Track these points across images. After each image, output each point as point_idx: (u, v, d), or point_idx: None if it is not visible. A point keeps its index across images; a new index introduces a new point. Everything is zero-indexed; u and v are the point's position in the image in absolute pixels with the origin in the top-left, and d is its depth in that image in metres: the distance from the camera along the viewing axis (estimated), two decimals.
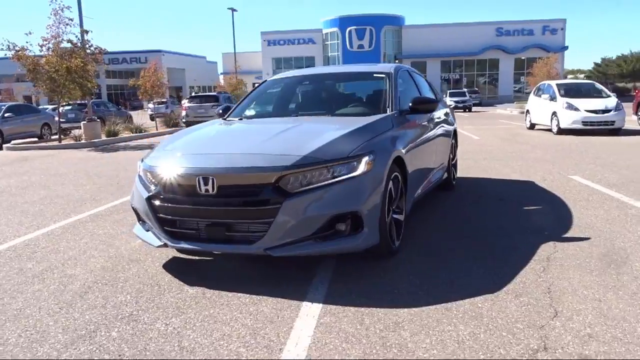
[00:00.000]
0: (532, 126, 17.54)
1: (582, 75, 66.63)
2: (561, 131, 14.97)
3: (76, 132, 18.93)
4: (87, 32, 17.93)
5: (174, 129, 23.39)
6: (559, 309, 3.08)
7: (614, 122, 14.49)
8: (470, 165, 9.14)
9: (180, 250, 4.28)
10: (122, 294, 3.60)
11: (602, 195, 6.23)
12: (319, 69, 6.16)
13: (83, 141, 17.41)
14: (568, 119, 14.76)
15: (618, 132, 14.63)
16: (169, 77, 49.88)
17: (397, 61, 56.31)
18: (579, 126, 14.59)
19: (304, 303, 3.30)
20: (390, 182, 3.95)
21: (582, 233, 4.63)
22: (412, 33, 55.18)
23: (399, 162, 4.21)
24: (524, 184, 7.23)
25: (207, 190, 3.57)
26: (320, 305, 3.26)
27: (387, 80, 5.14)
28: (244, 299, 3.41)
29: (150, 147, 15.62)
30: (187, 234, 3.77)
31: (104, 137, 18.17)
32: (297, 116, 4.94)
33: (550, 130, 15.88)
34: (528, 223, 5.08)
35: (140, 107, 53.47)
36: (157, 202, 3.80)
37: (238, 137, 4.42)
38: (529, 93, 48.71)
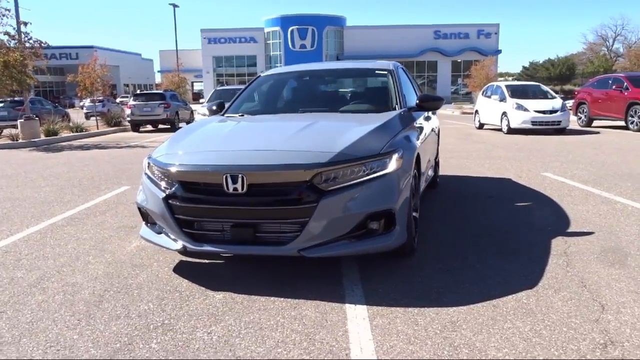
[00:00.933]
0: (481, 126, 18.10)
1: (510, 78, 69.61)
2: (511, 131, 15.53)
3: (12, 131, 17.71)
4: (25, 24, 16.79)
5: (115, 128, 22.44)
6: (603, 302, 3.11)
7: (560, 122, 15.18)
8: (442, 163, 9.26)
9: (197, 254, 3.97)
10: (143, 302, 3.33)
11: (582, 192, 6.45)
12: (317, 65, 6.00)
13: (21, 140, 16.30)
14: (518, 119, 15.33)
15: (563, 131, 15.35)
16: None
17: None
18: (529, 126, 15.18)
19: (347, 305, 3.17)
20: (412, 179, 3.89)
21: (583, 228, 4.75)
22: (353, 34, 55.80)
23: (417, 159, 4.16)
24: (503, 182, 7.39)
25: (235, 189, 3.36)
26: (364, 306, 3.14)
27: (391, 77, 5.08)
28: (280, 303, 3.23)
29: (97, 146, 14.99)
30: (209, 236, 3.54)
31: (42, 137, 17.09)
32: (303, 112, 4.76)
33: (500, 130, 16.44)
34: (528, 219, 5.17)
35: (72, 106, 50.99)
36: (175, 203, 3.54)
37: (259, 133, 4.20)
38: (466, 95, 49.88)
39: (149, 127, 22.47)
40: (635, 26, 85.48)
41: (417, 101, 4.77)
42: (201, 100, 19.27)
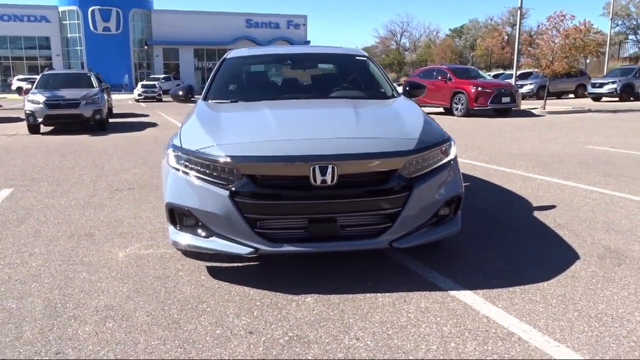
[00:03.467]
0: None
1: None
2: None
3: None
4: None
5: None
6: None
7: None
8: None
9: (267, 255, 3.48)
10: (229, 315, 2.88)
11: (498, 171, 7.23)
12: (290, 49, 5.66)
13: None
14: None
15: None
16: None
17: (146, 47, 53.63)
18: None
19: (451, 292, 3.15)
20: None
21: (542, 203, 5.37)
22: (162, 18, 53.00)
23: None
24: None
25: (323, 181, 3.07)
26: (468, 291, 3.16)
27: (372, 64, 5.07)
28: (383, 299, 3.07)
29: None
30: (287, 235, 3.19)
31: None
32: (297, 99, 4.46)
33: None
34: (491, 198, 5.64)
35: None
36: (244, 200, 3.10)
37: (310, 120, 3.82)
38: None
39: None
40: (418, 23, 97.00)
41: (407, 88, 4.85)
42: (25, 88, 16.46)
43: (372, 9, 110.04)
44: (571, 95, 29.88)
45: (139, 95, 34.53)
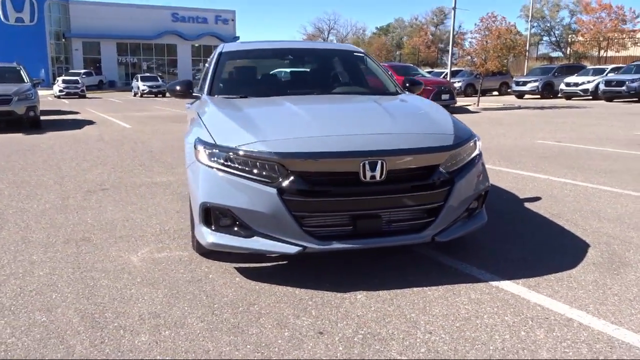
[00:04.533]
0: None
1: None
2: None
3: None
4: None
5: None
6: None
7: None
8: None
9: (313, 254, 3.30)
10: (288, 316, 2.81)
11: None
12: (287, 44, 5.48)
13: None
14: None
15: None
16: None
17: (64, 40, 50.77)
18: None
19: (494, 283, 3.23)
20: None
21: (529, 195, 5.62)
22: (81, 10, 50.29)
23: None
24: None
25: (373, 177, 3.06)
26: (509, 282, 3.25)
27: (370, 60, 5.09)
28: (432, 292, 3.11)
29: None
30: (334, 233, 3.14)
31: None
32: (308, 95, 4.41)
33: None
34: None
35: None
36: (293, 198, 3.02)
37: (341, 116, 3.76)
38: None
39: None
40: (345, 21, 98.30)
41: (408, 84, 4.92)
42: None
43: (299, 6, 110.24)
44: (495, 93, 31.52)
45: (60, 91, 32.70)
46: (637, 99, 22.46)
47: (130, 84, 41.47)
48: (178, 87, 4.52)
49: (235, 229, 3.18)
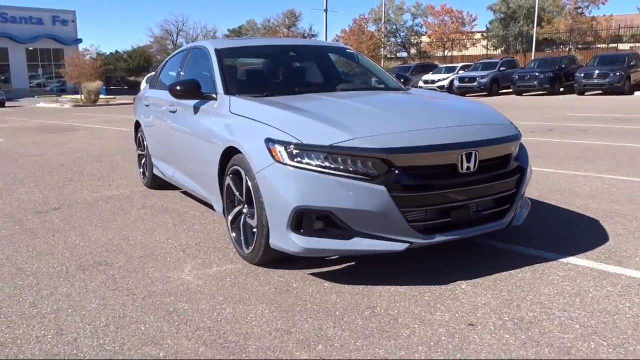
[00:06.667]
0: None
1: None
2: None
3: None
4: None
5: None
6: None
7: None
8: None
9: (417, 248, 3.22)
10: (429, 313, 2.75)
11: None
12: (282, 41, 5.18)
13: None
14: None
15: None
16: None
17: None
18: None
19: (563, 260, 3.45)
20: None
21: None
22: None
23: None
24: None
25: (468, 168, 3.13)
26: (576, 257, 3.47)
27: (361, 56, 5.12)
28: (522, 275, 3.24)
29: None
30: (435, 225, 3.14)
31: None
32: (335, 92, 4.36)
33: None
34: None
35: None
36: (400, 194, 2.96)
37: (411, 112, 3.72)
38: (60, 87, 45.67)
39: None
40: (194, 22, 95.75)
41: (402, 80, 5.03)
42: None
43: (144, 7, 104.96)
44: None
45: None
46: (486, 93, 25.28)
47: None
48: (182, 87, 4.12)
49: (333, 231, 3.02)
